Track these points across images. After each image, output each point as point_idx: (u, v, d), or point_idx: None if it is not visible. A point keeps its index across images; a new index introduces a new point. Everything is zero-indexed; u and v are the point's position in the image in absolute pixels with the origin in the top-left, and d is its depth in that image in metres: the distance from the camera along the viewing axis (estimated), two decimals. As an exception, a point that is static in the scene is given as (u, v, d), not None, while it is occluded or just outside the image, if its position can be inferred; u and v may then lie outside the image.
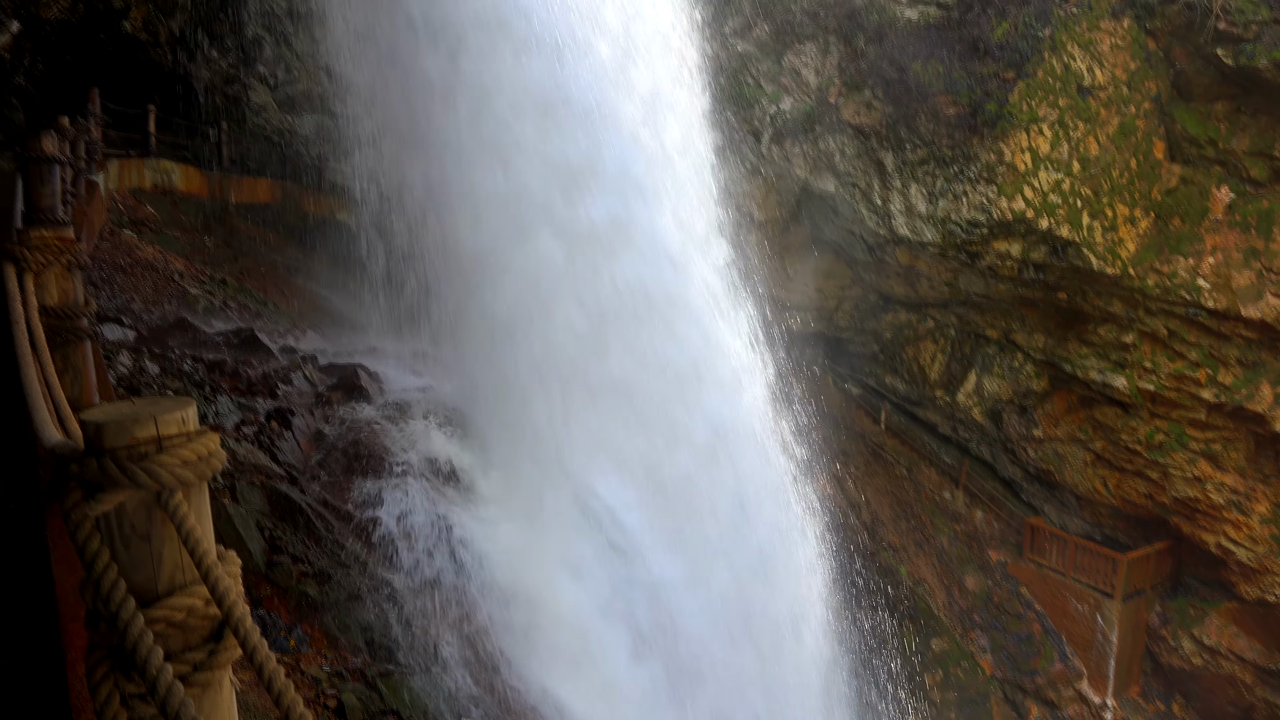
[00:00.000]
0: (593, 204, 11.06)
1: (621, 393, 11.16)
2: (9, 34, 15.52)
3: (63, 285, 4.94)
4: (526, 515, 9.89)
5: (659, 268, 11.74)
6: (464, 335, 11.22)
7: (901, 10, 21.02)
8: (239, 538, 7.30)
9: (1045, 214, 19.66)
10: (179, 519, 1.82)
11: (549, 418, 10.57)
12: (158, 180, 17.95)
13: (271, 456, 8.92)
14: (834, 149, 21.91)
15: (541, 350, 10.73)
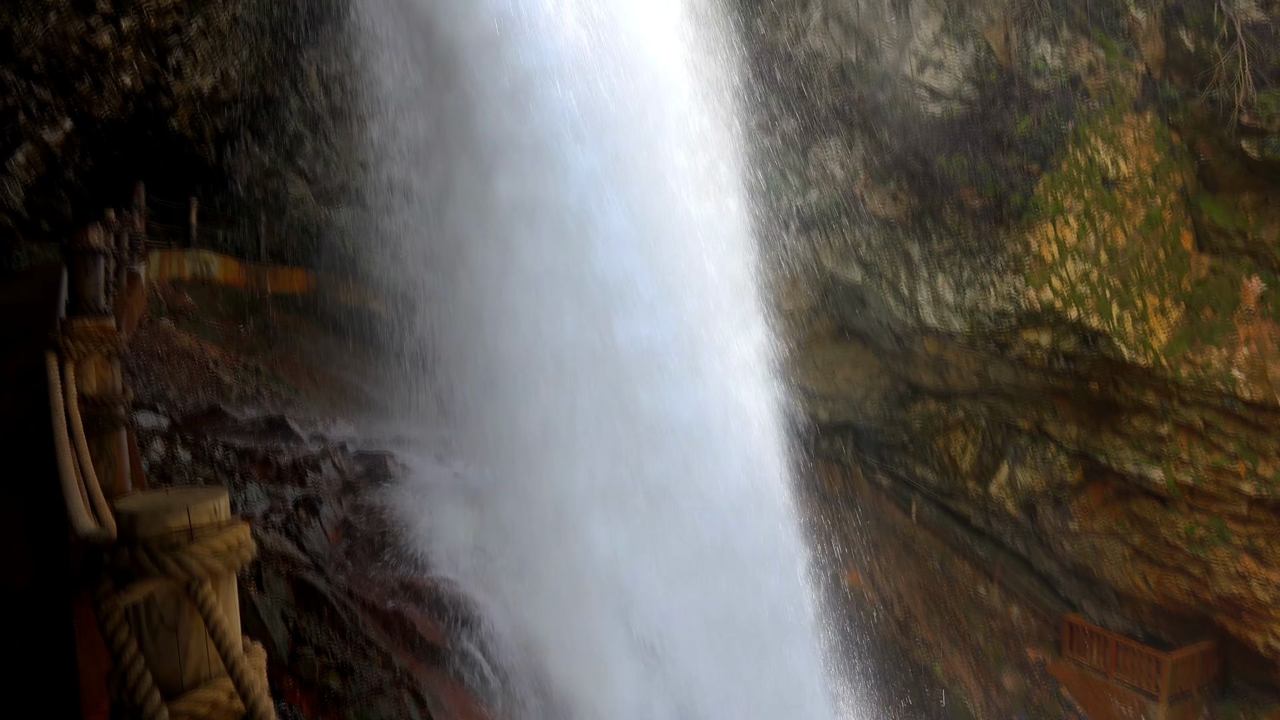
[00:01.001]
0: (626, 326, 11.08)
1: (660, 503, 11.04)
2: (62, 131, 16.13)
3: (101, 374, 5.03)
4: (557, 610, 9.74)
5: (694, 393, 11.70)
6: (493, 429, 11.23)
7: (925, 106, 21.42)
8: (263, 628, 7.23)
9: (1074, 304, 19.61)
10: (207, 610, 1.82)
11: (585, 526, 10.46)
12: (197, 270, 18.40)
13: (298, 545, 8.90)
14: (860, 240, 22.11)
15: (574, 456, 10.67)
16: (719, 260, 13.16)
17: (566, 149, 11.02)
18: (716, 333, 12.74)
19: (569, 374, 10.78)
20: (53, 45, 13.87)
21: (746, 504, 12.09)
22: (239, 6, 16.68)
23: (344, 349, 19.20)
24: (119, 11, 14.17)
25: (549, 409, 10.65)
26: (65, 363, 4.78)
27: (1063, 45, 20.60)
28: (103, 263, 7.04)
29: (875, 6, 21.68)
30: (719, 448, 11.78)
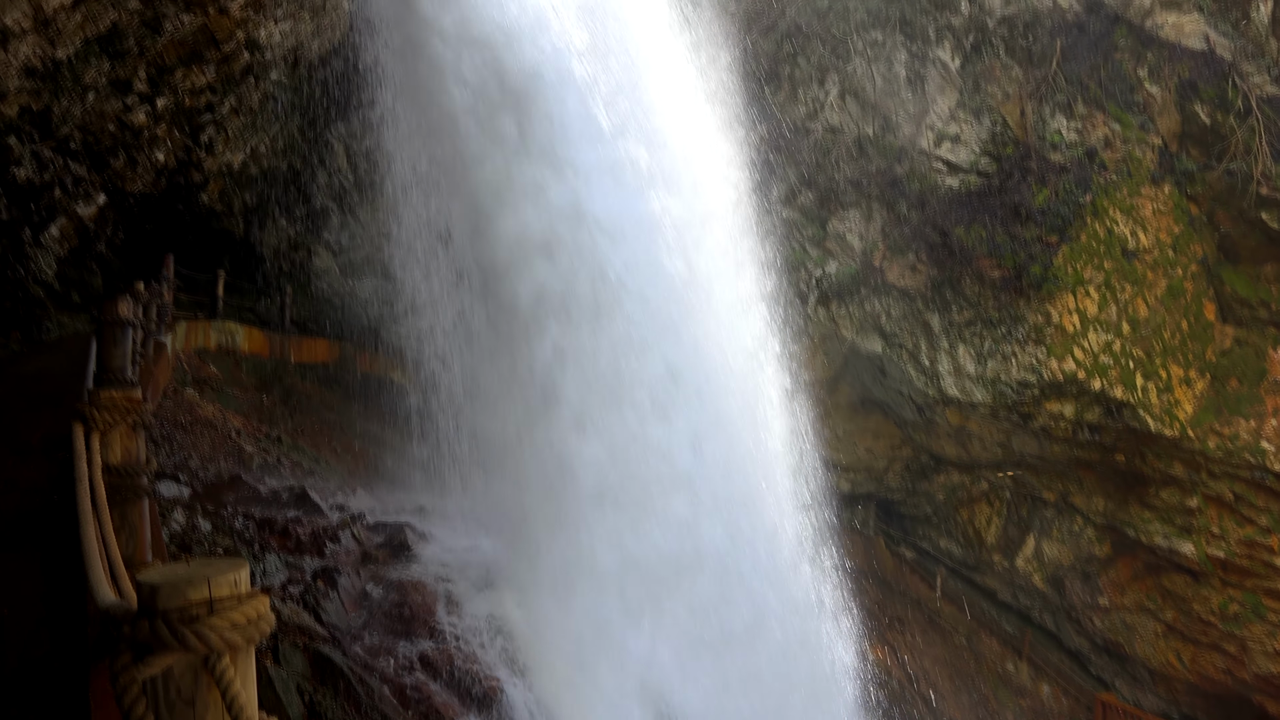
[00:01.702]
0: (649, 417, 11.08)
1: (687, 580, 10.91)
2: (95, 206, 16.52)
3: (126, 444, 5.07)
4: (578, 689, 9.57)
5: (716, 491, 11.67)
6: (513, 502, 11.17)
7: (942, 178, 21.62)
8: (278, 702, 7.14)
9: (1097, 375, 19.48)
10: (224, 684, 1.81)
11: (603, 596, 10.34)
12: (222, 341, 18.62)
13: (316, 617, 8.83)
14: (880, 310, 22.14)
15: (597, 529, 10.60)
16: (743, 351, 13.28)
17: (588, 240, 11.16)
18: (742, 415, 12.74)
19: (586, 440, 10.77)
20: (90, 123, 14.29)
21: (773, 580, 11.94)
22: (270, 85, 17.17)
23: (365, 419, 19.27)
24: (155, 91, 14.62)
25: (568, 484, 10.61)
26: (91, 432, 4.83)
27: (1078, 119, 20.84)
28: (131, 334, 7.15)
29: (891, 83, 22.06)
30: (741, 519, 11.68)
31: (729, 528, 11.59)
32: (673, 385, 11.29)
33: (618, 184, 11.59)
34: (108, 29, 12.09)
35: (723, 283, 13.68)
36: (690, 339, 11.97)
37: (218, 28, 13.84)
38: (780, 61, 22.86)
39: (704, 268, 13.09)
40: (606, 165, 11.46)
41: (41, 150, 14.14)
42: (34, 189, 14.81)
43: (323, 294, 21.97)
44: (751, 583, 11.70)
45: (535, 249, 10.85)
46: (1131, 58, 20.82)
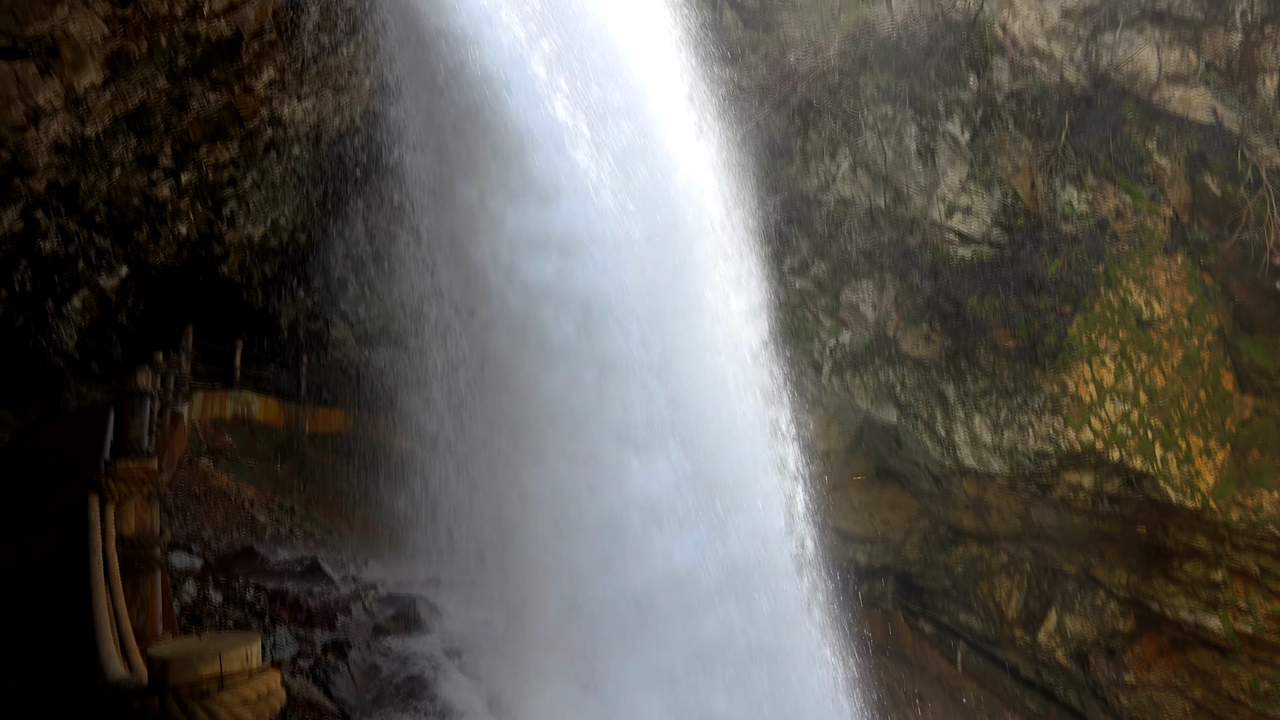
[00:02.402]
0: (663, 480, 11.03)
1: (707, 668, 10.71)
2: (118, 278, 16.79)
3: (141, 515, 5.08)
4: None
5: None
6: (527, 575, 11.06)
7: (954, 249, 21.75)
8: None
9: (1116, 445, 19.30)
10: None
11: (617, 681, 10.15)
12: (238, 410, 18.72)
13: (325, 691, 8.70)
14: (894, 380, 22.09)
15: (612, 605, 10.45)
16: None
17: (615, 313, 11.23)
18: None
19: (599, 526, 10.67)
20: (115, 198, 14.60)
21: (787, 661, 11.72)
22: (292, 160, 17.54)
23: (379, 488, 19.22)
24: (179, 166, 14.95)
25: (579, 560, 10.50)
26: (106, 503, 4.84)
27: (1088, 191, 21.01)
28: (149, 404, 7.19)
29: (902, 156, 22.35)
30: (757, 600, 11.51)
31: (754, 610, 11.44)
32: (690, 491, 11.21)
33: (629, 264, 11.68)
34: (136, 107, 12.43)
35: (738, 366, 13.71)
36: (714, 429, 11.95)
37: (242, 105, 14.21)
38: (792, 135, 23.23)
39: (720, 342, 13.14)
40: (614, 243, 11.55)
41: (67, 224, 14.43)
42: (58, 261, 15.08)
43: (338, 364, 22.13)
44: (779, 670, 11.49)
45: (547, 342, 10.91)
46: (1140, 131, 21.06)
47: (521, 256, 11.09)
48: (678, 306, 12.37)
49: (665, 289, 12.18)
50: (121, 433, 6.90)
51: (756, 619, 11.19)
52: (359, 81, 16.51)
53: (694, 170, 14.50)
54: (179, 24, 10.91)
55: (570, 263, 11.16)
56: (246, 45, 12.53)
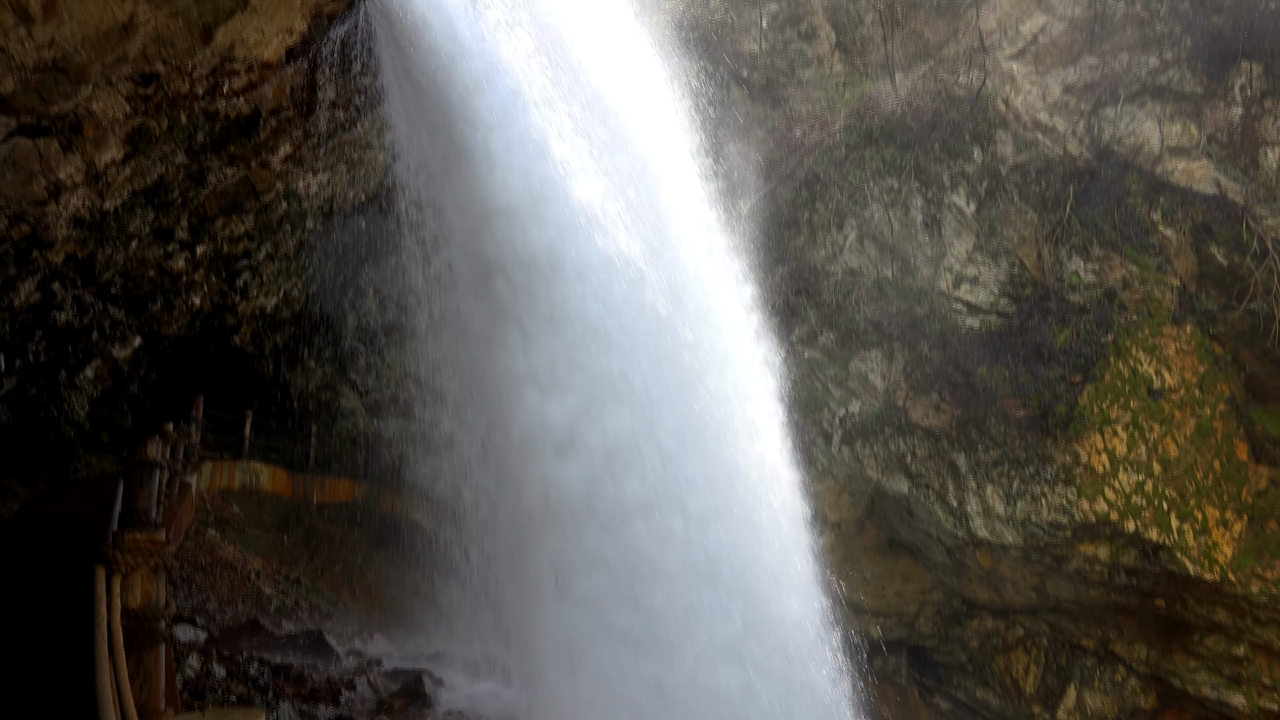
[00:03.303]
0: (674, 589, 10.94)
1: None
2: (131, 348, 16.93)
3: (147, 587, 5.04)
4: None
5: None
6: (535, 647, 10.89)
7: (962, 319, 21.81)
8: None
9: (1130, 516, 19.07)
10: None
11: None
12: (246, 481, 18.68)
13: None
14: (905, 450, 21.95)
15: (619, 676, 10.28)
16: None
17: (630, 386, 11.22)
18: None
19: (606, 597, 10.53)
20: (131, 270, 14.80)
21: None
22: (306, 233, 17.80)
23: (385, 560, 19.07)
24: (195, 239, 15.18)
25: (586, 634, 10.35)
26: (113, 575, 4.81)
27: (1095, 261, 21.12)
28: (158, 475, 7.19)
29: (908, 226, 22.57)
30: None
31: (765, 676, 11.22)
32: (710, 572, 11.11)
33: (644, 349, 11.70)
34: (154, 181, 12.66)
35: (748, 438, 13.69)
36: (724, 497, 11.86)
37: (259, 180, 14.47)
38: (799, 207, 23.50)
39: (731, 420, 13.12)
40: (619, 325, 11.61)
41: (83, 295, 14.61)
42: (73, 332, 15.23)
43: (348, 434, 22.13)
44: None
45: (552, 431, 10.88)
46: (1144, 202, 21.25)
47: (535, 335, 11.14)
48: (691, 390, 12.34)
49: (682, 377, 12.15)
50: (130, 503, 6.89)
51: (770, 691, 11.00)
52: (373, 156, 16.82)
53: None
54: (199, 102, 11.17)
55: (587, 345, 11.19)
56: (264, 122, 12.81)
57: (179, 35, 9.04)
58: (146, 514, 6.82)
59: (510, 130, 11.33)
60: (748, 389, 14.46)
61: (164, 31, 8.88)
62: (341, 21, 11.43)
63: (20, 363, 14.78)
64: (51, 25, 7.75)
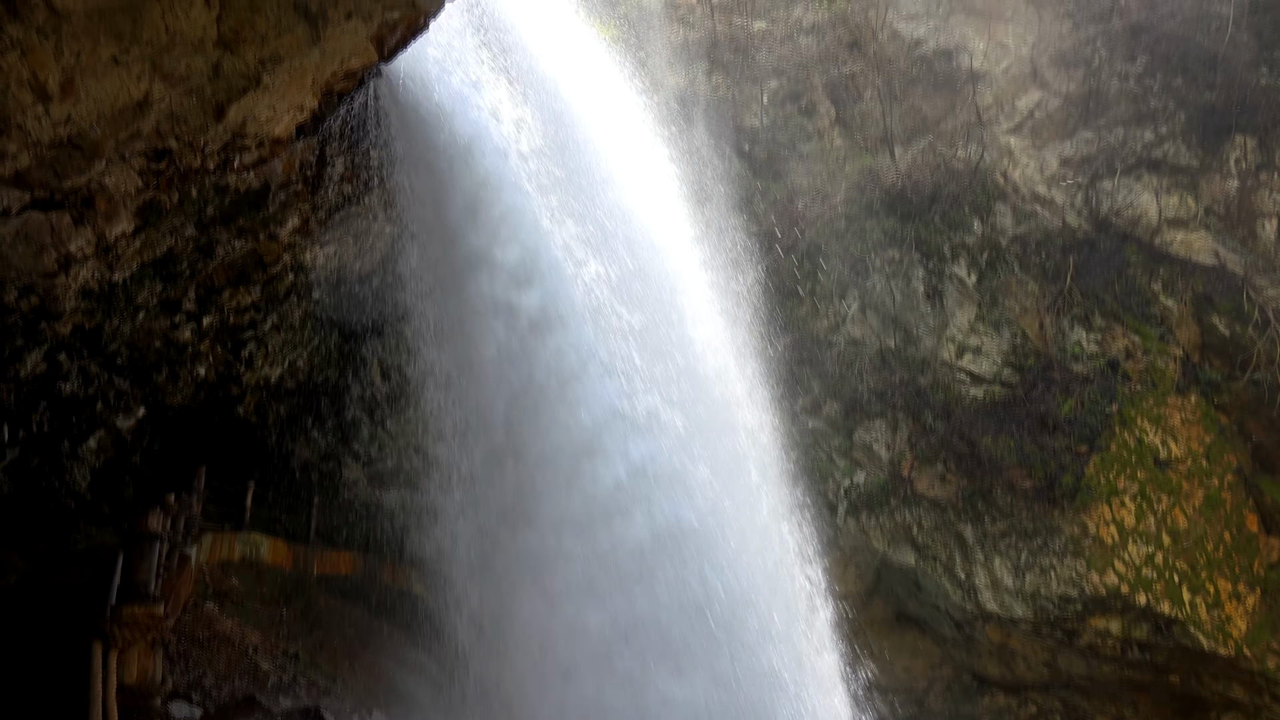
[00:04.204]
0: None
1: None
2: (134, 419, 16.93)
3: (143, 662, 4.96)
4: None
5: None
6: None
7: (966, 389, 21.80)
8: None
9: (1141, 589, 18.80)
10: None
11: None
12: (246, 553, 18.48)
13: None
14: (911, 521, 21.75)
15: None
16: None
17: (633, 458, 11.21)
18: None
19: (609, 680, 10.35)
20: (138, 340, 14.88)
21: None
22: (312, 304, 17.93)
23: (385, 634, 18.77)
24: (202, 310, 15.29)
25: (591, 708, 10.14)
26: (110, 650, 4.74)
27: (1097, 331, 21.19)
28: (158, 547, 7.14)
29: (910, 298, 22.70)
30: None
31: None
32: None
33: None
34: (164, 254, 12.81)
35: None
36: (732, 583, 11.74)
37: (266, 252, 14.64)
38: (801, 278, 23.68)
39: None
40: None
41: (89, 366, 14.67)
42: (77, 402, 15.26)
43: (349, 505, 21.97)
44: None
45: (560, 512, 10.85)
46: (1144, 272, 21.40)
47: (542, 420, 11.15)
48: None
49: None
50: (129, 576, 6.83)
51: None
52: (380, 228, 17.04)
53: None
54: (210, 176, 11.35)
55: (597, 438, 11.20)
56: (273, 195, 13.01)
57: (192, 112, 9.23)
58: (145, 587, 6.76)
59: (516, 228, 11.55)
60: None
61: (178, 109, 9.06)
62: (352, 99, 11.66)
63: (24, 433, 14.77)
64: (68, 103, 7.92)
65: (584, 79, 14.89)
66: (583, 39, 17.27)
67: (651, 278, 13.42)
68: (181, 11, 7.81)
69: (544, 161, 12.51)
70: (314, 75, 9.90)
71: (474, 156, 11.85)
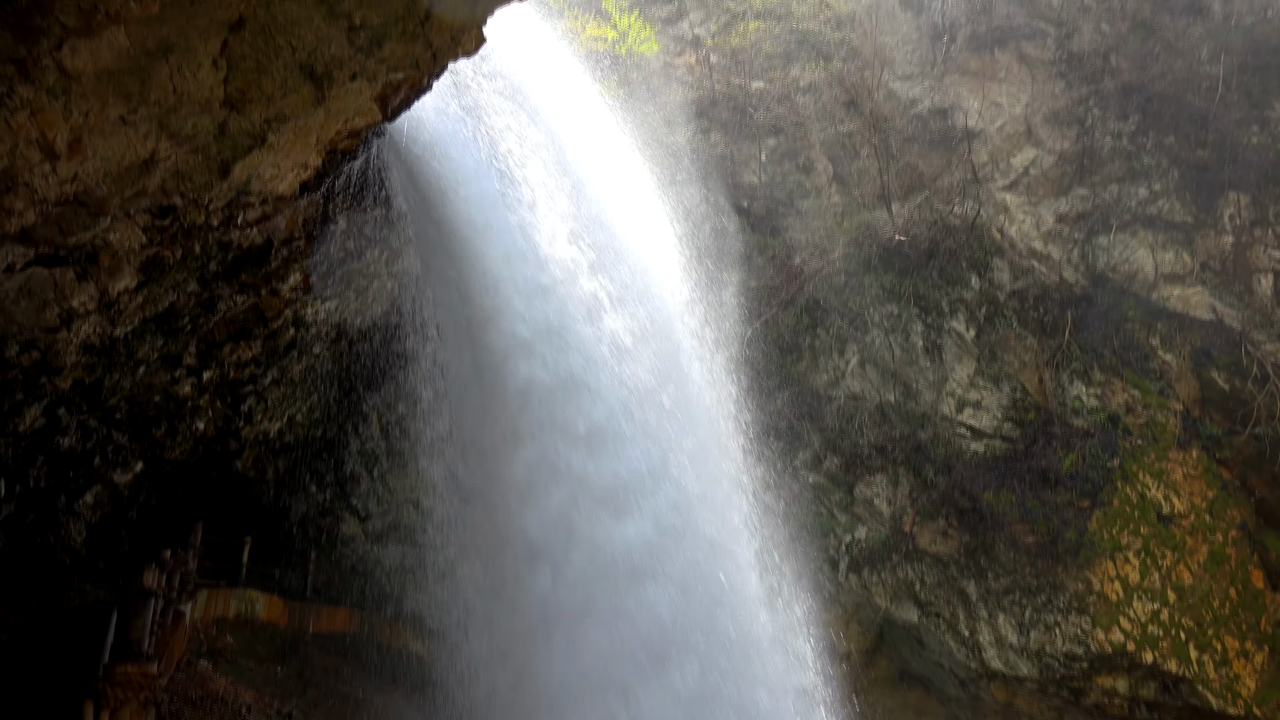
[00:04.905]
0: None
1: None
2: (132, 473, 16.85)
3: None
4: None
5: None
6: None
7: (967, 443, 21.74)
8: None
9: (1148, 646, 18.55)
10: None
11: None
12: (241, 610, 18.27)
13: None
14: (913, 577, 21.54)
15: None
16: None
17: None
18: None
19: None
20: (138, 395, 14.89)
21: None
22: (312, 358, 17.96)
23: (381, 692, 18.48)
24: (203, 365, 15.32)
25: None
26: (102, 709, 4.67)
27: (1096, 385, 21.20)
28: (153, 604, 7.07)
29: (910, 352, 22.75)
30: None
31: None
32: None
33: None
34: (166, 309, 12.87)
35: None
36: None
37: (268, 307, 14.71)
38: (800, 332, 23.75)
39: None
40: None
41: (88, 420, 14.65)
42: (75, 457, 15.20)
43: (346, 560, 21.77)
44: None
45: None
46: (1142, 327, 21.48)
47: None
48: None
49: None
50: (123, 634, 6.76)
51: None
52: (381, 284, 17.14)
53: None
54: (214, 233, 11.46)
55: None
56: (276, 251, 13.12)
57: (198, 170, 9.35)
58: (139, 645, 6.68)
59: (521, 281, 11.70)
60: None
61: (183, 167, 9.18)
62: (354, 157, 11.83)
63: (20, 488, 14.69)
64: (75, 161, 8.02)
65: (590, 141, 15.16)
66: (589, 101, 17.59)
67: (659, 336, 13.58)
68: (190, 72, 7.95)
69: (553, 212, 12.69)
70: (318, 134, 10.05)
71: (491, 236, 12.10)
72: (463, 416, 12.44)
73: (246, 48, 8.16)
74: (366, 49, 8.79)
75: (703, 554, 11.81)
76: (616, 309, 12.38)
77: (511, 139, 12.86)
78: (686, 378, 13.97)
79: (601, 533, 10.78)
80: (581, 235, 12.88)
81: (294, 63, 8.53)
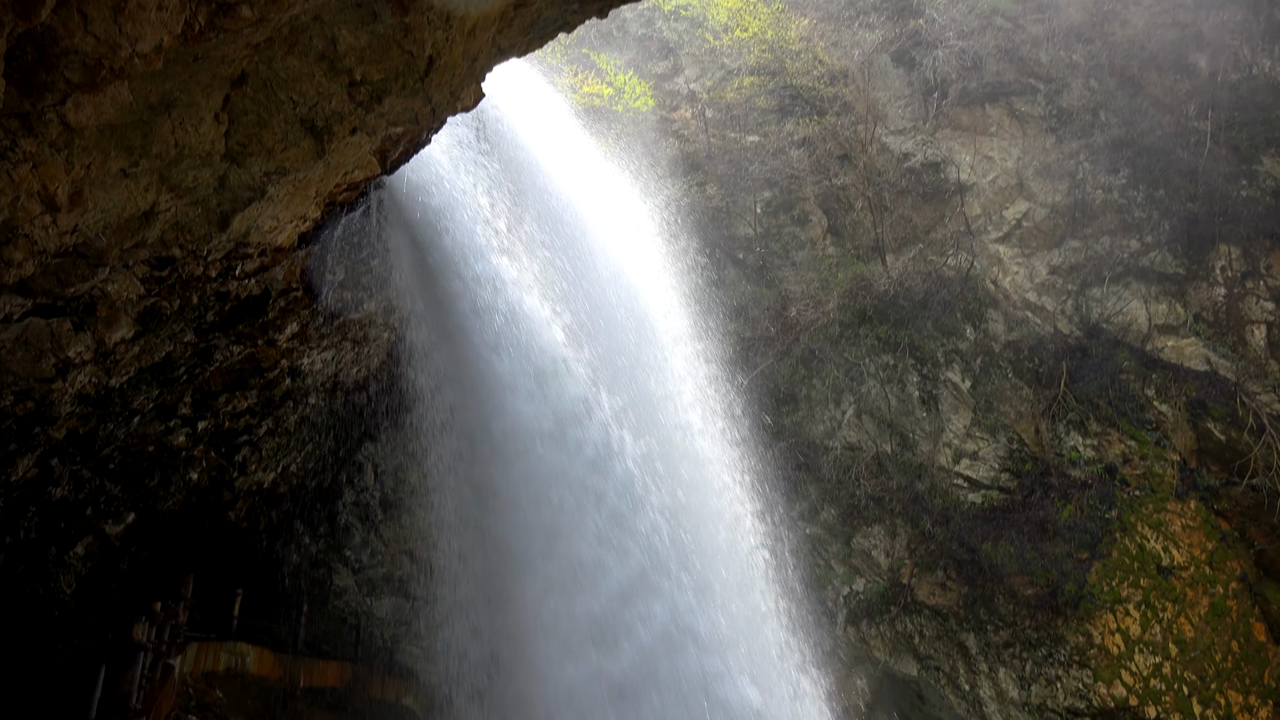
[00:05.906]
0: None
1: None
2: (123, 524, 16.70)
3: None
4: None
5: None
6: None
7: (964, 494, 21.66)
8: None
9: (1150, 701, 18.32)
10: None
11: None
12: (231, 663, 18.00)
13: None
14: (912, 630, 21.33)
15: None
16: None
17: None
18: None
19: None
20: (131, 445, 14.82)
21: None
22: (308, 409, 17.92)
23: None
24: (198, 415, 15.28)
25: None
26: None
27: (1093, 436, 21.20)
28: (141, 658, 6.97)
29: (906, 403, 22.76)
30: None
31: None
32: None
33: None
34: (161, 359, 12.87)
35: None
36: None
37: (264, 357, 14.72)
38: (796, 383, 23.77)
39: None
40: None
41: (81, 470, 14.56)
42: (67, 507, 15.08)
43: (339, 613, 21.52)
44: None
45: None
46: (1138, 378, 21.55)
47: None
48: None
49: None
50: (111, 688, 6.66)
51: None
52: (378, 334, 17.17)
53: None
54: (212, 283, 11.51)
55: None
56: (273, 302, 13.16)
57: (197, 222, 9.42)
58: (127, 700, 6.58)
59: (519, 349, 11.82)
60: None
61: (183, 219, 9.25)
62: (353, 209, 11.94)
63: (10, 539, 14.55)
64: (76, 213, 8.08)
65: (587, 194, 15.34)
66: (584, 154, 17.80)
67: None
68: (191, 127, 8.05)
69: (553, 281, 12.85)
70: (318, 187, 10.15)
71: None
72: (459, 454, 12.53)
73: (248, 102, 8.27)
74: (367, 104, 8.91)
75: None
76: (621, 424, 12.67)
77: (502, 223, 13.18)
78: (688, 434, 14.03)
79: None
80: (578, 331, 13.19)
81: (295, 117, 8.64)
